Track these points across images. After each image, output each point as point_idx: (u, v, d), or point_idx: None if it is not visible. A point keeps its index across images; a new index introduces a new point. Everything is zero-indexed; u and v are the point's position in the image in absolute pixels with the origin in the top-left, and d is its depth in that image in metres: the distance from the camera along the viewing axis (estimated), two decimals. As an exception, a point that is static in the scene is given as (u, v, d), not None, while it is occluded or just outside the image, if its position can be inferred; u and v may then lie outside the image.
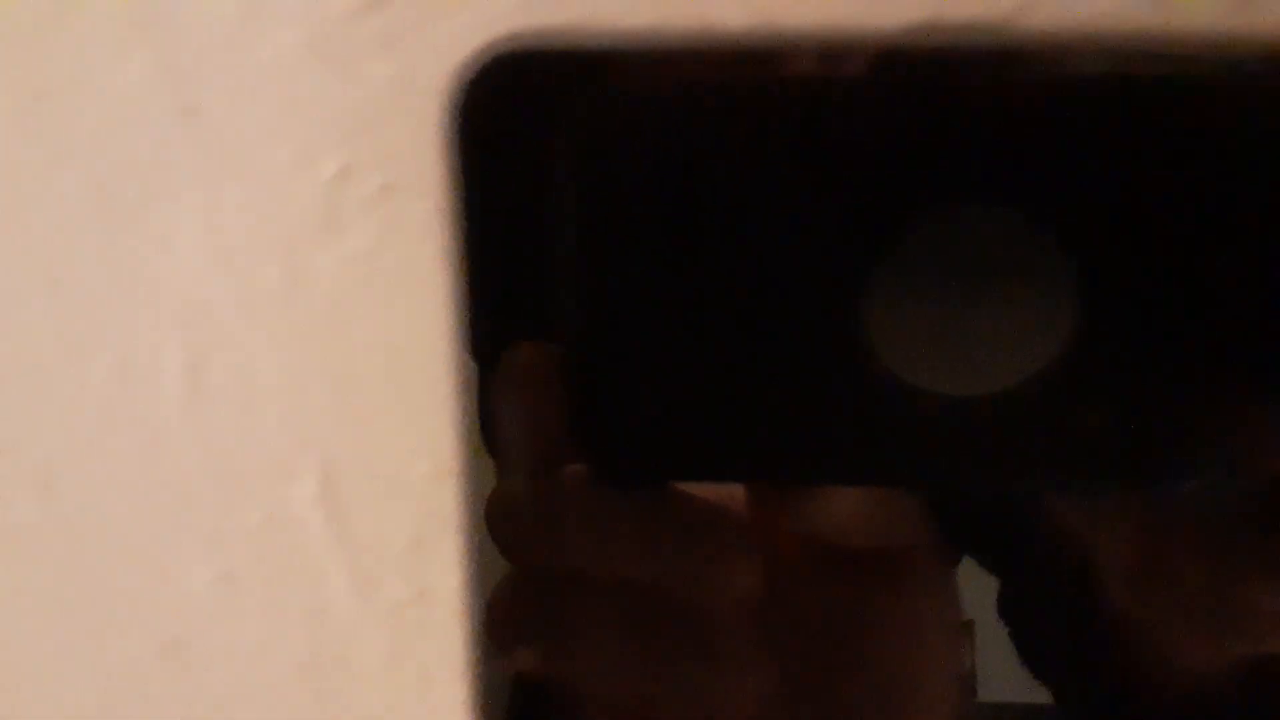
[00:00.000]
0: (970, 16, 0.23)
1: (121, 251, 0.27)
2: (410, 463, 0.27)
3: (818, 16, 0.24)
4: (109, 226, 0.27)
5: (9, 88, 0.26)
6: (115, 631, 0.28)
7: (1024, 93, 0.24)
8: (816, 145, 0.24)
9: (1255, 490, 0.25)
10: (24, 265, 0.27)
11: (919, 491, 0.28)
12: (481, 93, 0.23)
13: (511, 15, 0.24)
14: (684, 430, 0.26)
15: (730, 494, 0.27)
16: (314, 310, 0.27)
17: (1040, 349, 0.24)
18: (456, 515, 0.26)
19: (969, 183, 0.24)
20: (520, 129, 0.25)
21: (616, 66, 0.24)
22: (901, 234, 0.24)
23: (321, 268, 0.27)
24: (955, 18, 0.23)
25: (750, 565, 0.27)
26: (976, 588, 0.41)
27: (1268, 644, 0.27)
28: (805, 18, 0.24)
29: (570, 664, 0.28)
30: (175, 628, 0.28)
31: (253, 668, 0.28)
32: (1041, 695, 0.40)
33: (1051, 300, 0.24)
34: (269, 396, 0.27)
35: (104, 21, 0.26)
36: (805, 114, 0.24)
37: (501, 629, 0.27)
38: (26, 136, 0.27)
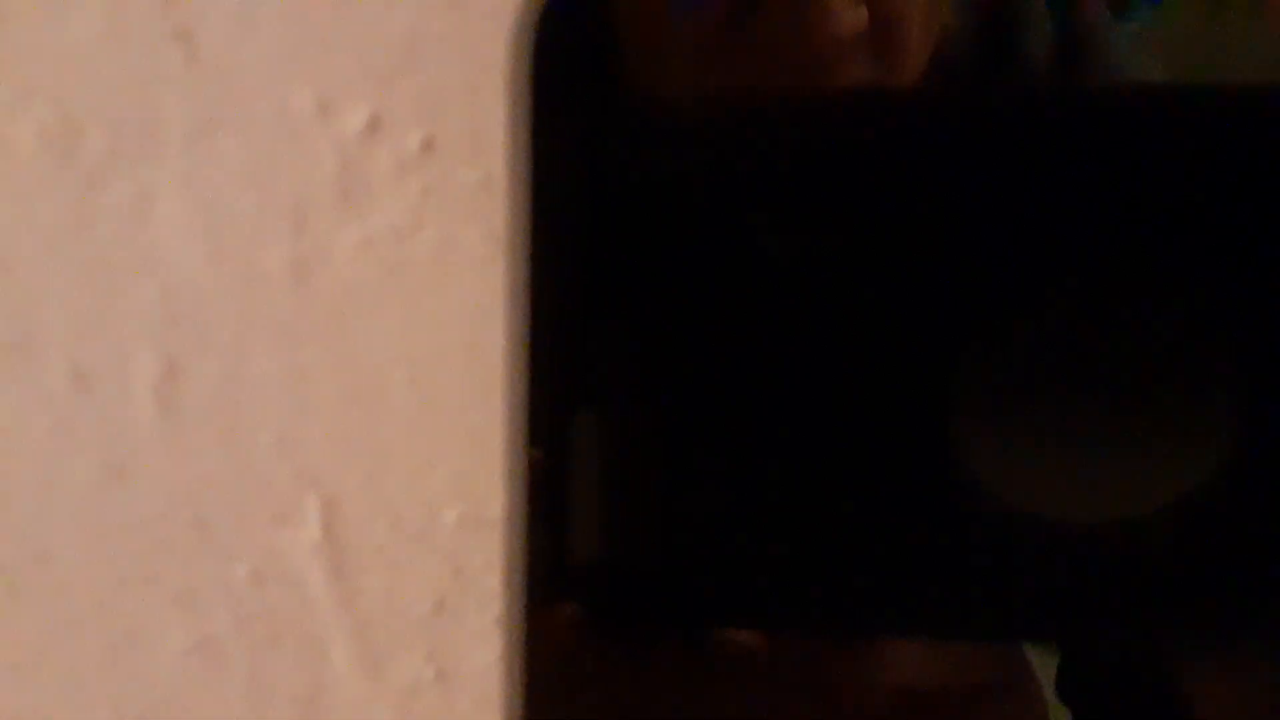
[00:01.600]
0: None
1: (83, 225, 0.25)
2: (436, 507, 0.25)
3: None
4: (68, 191, 0.25)
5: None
6: (63, 711, 0.27)
7: (1182, 112, 0.21)
8: (880, 189, 0.22)
9: None
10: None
11: (1020, 643, 0.27)
12: (563, 21, 0.22)
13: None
14: (719, 565, 0.25)
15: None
16: (325, 306, 0.25)
17: (1188, 465, 0.22)
18: (491, 577, 0.25)
19: (1096, 245, 0.22)
20: (615, 72, 0.24)
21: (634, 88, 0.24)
22: (1003, 313, 0.22)
23: (338, 250, 0.25)
24: None
25: None
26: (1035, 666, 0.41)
27: None
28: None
29: None
30: (138, 706, 0.26)
31: (230, 759, 0.26)
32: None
33: (1205, 401, 0.22)
34: (263, 416, 0.25)
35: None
36: (862, 142, 0.23)
37: None
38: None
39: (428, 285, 0.24)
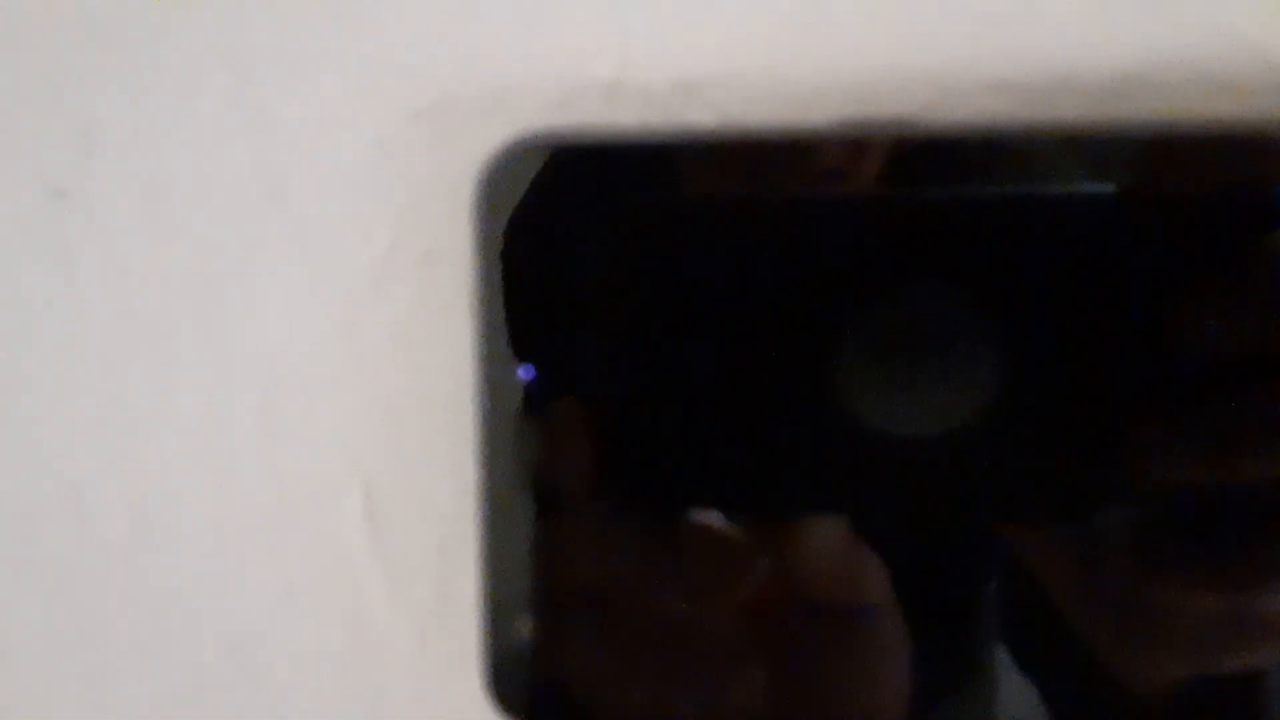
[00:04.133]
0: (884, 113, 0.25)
1: (211, 313, 0.28)
2: (437, 483, 0.28)
3: (782, 116, 0.25)
4: (203, 293, 0.28)
5: (132, 177, 0.28)
6: (189, 635, 0.29)
7: (961, 204, 0.26)
8: (800, 242, 0.26)
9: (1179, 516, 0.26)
10: (132, 326, 0.28)
11: (885, 520, 0.28)
12: (503, 177, 0.26)
13: (538, 121, 0.26)
14: (685, 470, 0.27)
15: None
16: (365, 358, 0.28)
17: (974, 396, 0.26)
18: (475, 526, 0.26)
19: (920, 270, 0.26)
20: (536, 207, 0.26)
21: (635, 179, 0.26)
22: (867, 308, 0.26)
23: (373, 322, 0.28)
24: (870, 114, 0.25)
25: (751, 578, 0.28)
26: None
27: (1196, 663, 0.27)
28: (772, 115, 0.25)
29: (594, 671, 0.28)
30: (238, 632, 0.29)
31: (304, 665, 0.28)
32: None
33: (980, 358, 0.26)
34: (325, 430, 0.28)
35: (211, 121, 0.27)
36: (792, 220, 0.26)
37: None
38: (146, 217, 0.28)
39: (429, 344, 0.27)
